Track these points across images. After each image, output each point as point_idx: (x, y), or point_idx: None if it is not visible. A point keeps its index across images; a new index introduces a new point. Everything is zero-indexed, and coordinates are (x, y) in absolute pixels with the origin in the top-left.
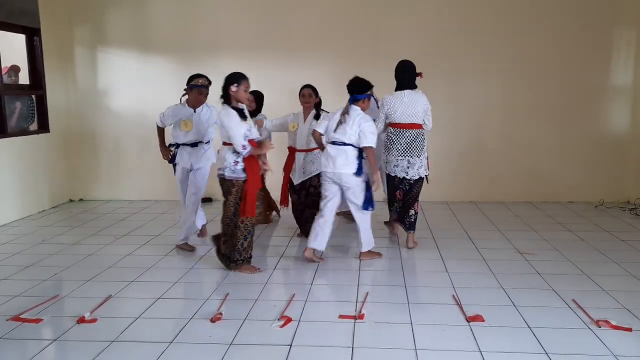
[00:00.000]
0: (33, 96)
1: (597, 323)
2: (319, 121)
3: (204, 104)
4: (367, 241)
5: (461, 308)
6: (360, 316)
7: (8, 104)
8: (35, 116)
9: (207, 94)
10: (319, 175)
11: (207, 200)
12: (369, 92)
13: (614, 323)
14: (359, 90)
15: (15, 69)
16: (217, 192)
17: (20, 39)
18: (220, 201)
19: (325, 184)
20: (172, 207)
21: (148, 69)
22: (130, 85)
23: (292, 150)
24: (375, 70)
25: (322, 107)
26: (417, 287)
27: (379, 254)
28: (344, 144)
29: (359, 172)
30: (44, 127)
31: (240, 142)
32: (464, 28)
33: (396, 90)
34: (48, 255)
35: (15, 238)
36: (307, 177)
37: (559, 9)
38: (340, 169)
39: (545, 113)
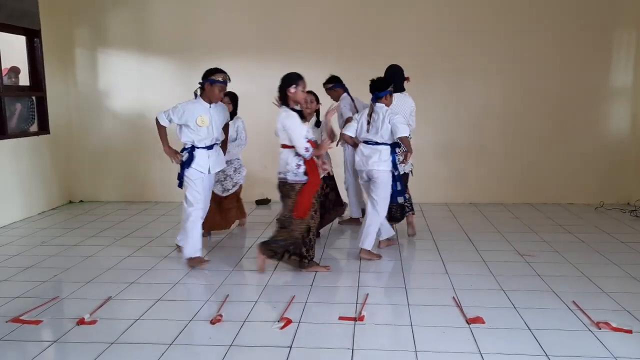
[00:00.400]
0: (33, 97)
1: (597, 325)
2: (346, 125)
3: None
4: (369, 241)
5: (461, 310)
6: (360, 318)
7: (8, 106)
8: (36, 117)
9: (225, 91)
10: (324, 178)
11: None
12: (389, 89)
13: (614, 325)
14: (379, 88)
15: (15, 71)
16: None
17: (20, 41)
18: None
19: (362, 180)
20: (172, 208)
21: (148, 70)
22: (131, 87)
23: None
24: (375, 70)
25: (322, 106)
26: (417, 288)
27: (379, 256)
28: (377, 143)
29: (395, 167)
30: (44, 128)
31: (303, 144)
32: (464, 28)
33: None
34: (48, 257)
35: (15, 239)
36: None
37: (559, 9)
38: (372, 166)
39: (545, 113)
